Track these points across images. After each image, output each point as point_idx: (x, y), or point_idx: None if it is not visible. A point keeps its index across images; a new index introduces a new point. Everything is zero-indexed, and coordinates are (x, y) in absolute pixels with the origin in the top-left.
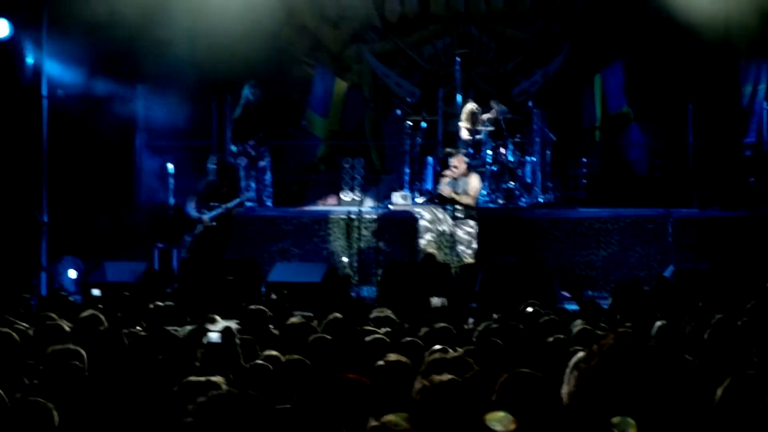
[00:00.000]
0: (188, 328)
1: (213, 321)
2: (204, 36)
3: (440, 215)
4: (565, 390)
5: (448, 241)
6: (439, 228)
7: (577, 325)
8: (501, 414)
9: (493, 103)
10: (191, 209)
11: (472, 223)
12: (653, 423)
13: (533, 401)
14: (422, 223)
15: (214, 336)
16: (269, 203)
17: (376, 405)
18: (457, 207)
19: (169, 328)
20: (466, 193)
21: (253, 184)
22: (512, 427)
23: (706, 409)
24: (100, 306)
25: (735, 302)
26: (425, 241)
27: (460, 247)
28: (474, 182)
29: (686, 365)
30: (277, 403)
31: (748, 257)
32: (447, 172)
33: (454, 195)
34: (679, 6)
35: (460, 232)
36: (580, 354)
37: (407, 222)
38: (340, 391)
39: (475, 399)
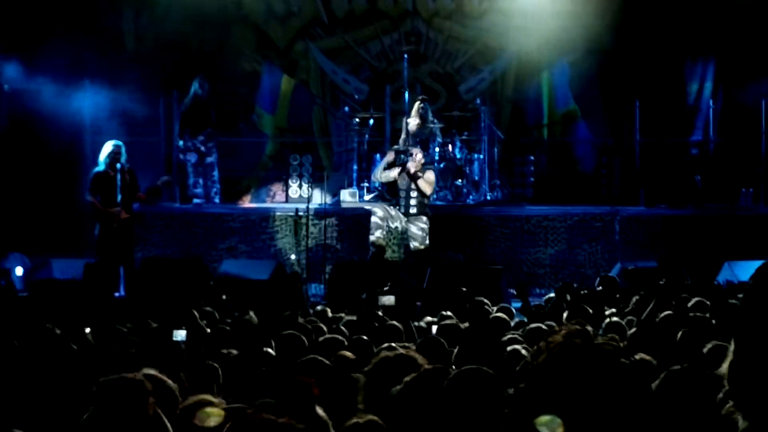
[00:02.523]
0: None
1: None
2: (150, 30)
3: (392, 212)
4: (513, 387)
5: (397, 238)
6: (391, 225)
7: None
8: (548, 417)
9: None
10: (88, 196)
11: (425, 219)
12: (595, 420)
13: (482, 398)
14: (374, 219)
15: (180, 334)
16: (217, 200)
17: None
18: (411, 201)
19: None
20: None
21: (201, 181)
22: (560, 430)
23: (647, 405)
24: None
25: (681, 299)
26: (374, 237)
27: (414, 243)
28: (429, 175)
29: (631, 363)
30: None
31: (694, 255)
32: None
33: (420, 174)
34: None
35: (413, 228)
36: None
37: (356, 219)
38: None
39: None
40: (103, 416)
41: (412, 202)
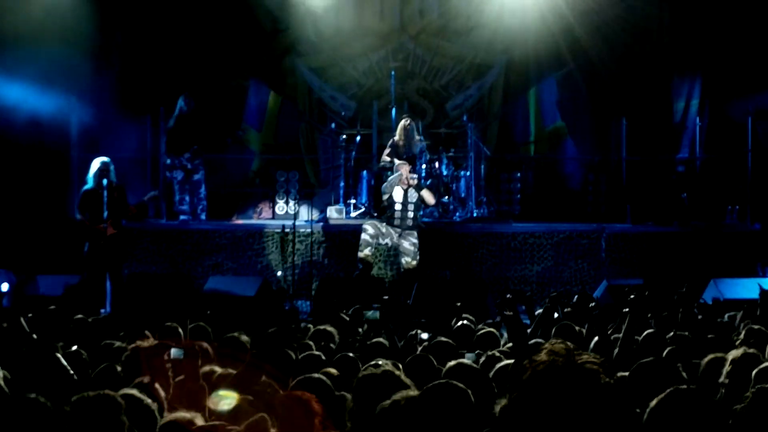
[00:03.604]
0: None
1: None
2: (138, 47)
3: (383, 229)
4: (498, 404)
5: (383, 255)
6: (381, 242)
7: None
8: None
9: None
10: (78, 214)
11: (416, 234)
12: None
13: (460, 414)
14: (364, 236)
15: (178, 352)
16: (203, 217)
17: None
18: (408, 215)
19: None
20: (422, 204)
21: (187, 198)
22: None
23: (634, 425)
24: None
25: (667, 317)
26: (363, 254)
27: (406, 258)
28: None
29: (615, 382)
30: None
31: (681, 272)
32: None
33: (425, 189)
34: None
35: (405, 244)
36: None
37: (343, 235)
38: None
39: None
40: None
41: (409, 215)
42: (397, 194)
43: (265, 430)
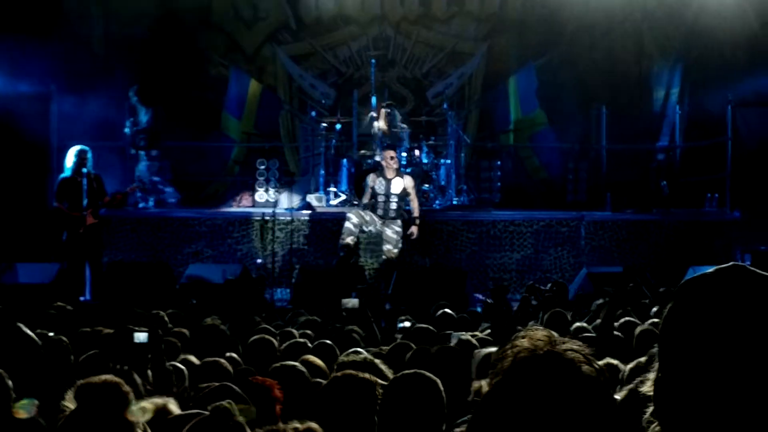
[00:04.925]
0: None
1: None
2: (118, 35)
3: (367, 218)
4: (476, 387)
5: (364, 243)
6: (365, 229)
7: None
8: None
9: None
10: (55, 202)
11: (399, 222)
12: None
13: (422, 402)
14: (347, 225)
15: (141, 336)
16: (172, 200)
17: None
18: (392, 205)
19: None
20: (406, 194)
21: (149, 186)
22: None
23: (611, 415)
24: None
25: (645, 305)
26: (344, 242)
27: (388, 246)
28: (409, 181)
29: (596, 371)
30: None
31: (660, 260)
32: (385, 163)
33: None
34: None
35: (388, 231)
36: (487, 353)
37: (323, 223)
38: (250, 395)
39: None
40: (83, 419)
41: (392, 206)
42: (379, 184)
43: (231, 417)
